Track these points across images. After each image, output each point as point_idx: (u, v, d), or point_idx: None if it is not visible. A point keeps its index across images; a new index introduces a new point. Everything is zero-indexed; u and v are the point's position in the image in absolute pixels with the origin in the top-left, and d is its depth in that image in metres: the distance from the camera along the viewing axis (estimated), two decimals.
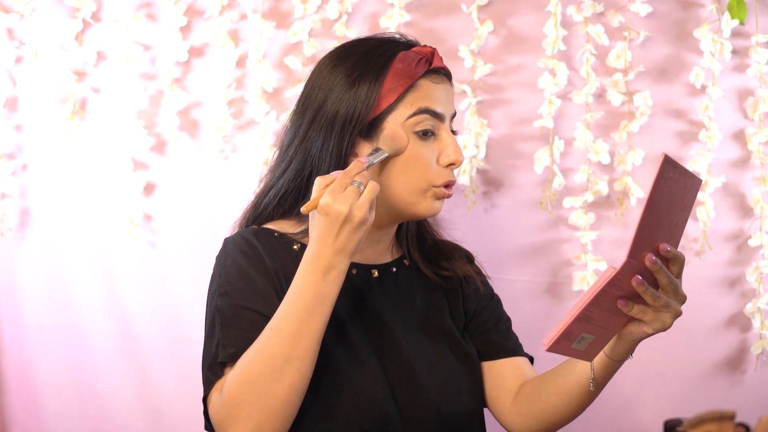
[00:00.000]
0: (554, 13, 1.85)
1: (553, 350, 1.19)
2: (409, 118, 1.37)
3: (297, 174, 1.43)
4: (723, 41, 1.83)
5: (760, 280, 1.85)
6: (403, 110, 1.38)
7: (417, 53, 1.40)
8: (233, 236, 1.43)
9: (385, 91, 1.38)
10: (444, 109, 1.39)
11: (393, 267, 1.47)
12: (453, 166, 1.39)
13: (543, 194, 1.89)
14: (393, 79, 1.38)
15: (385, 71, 1.39)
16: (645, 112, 1.86)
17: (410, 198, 1.39)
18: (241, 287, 1.35)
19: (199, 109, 1.96)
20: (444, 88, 1.41)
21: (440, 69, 1.42)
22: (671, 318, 1.20)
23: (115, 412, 1.99)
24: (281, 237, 1.41)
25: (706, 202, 1.85)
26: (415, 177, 1.38)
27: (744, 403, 1.83)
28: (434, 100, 1.39)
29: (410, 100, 1.38)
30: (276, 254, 1.39)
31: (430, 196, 1.39)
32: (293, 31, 1.90)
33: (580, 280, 1.88)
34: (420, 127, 1.37)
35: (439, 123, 1.39)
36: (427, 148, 1.38)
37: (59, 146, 1.97)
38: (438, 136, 1.39)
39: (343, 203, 1.24)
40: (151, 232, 1.97)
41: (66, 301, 1.99)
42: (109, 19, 1.94)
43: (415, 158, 1.38)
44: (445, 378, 1.40)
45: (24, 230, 2.00)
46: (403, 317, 1.43)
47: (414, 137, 1.37)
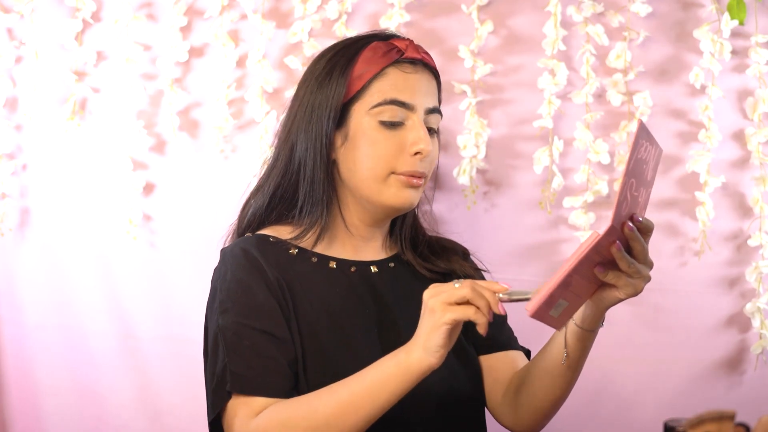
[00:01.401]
0: (554, 13, 1.85)
1: (536, 317, 1.19)
2: (374, 107, 1.39)
3: (283, 174, 1.44)
4: (723, 41, 1.83)
5: (759, 280, 1.85)
6: (369, 99, 1.39)
7: (390, 44, 1.41)
8: (230, 248, 1.42)
9: (353, 78, 1.39)
10: (414, 100, 1.39)
11: (390, 262, 1.49)
12: (420, 155, 1.39)
13: (543, 194, 1.89)
14: (361, 66, 1.40)
15: (355, 60, 1.41)
16: (645, 112, 1.86)
17: (372, 186, 1.40)
18: (242, 303, 1.34)
19: (199, 109, 1.96)
20: (417, 79, 1.41)
21: (416, 60, 1.41)
22: (643, 283, 1.23)
23: (115, 412, 1.99)
24: (277, 243, 1.41)
25: (706, 202, 1.85)
26: (373, 162, 1.39)
27: (744, 403, 1.83)
28: (402, 90, 1.39)
29: (377, 89, 1.39)
30: (275, 261, 1.39)
31: (394, 184, 1.39)
32: (293, 31, 1.90)
33: None
34: (385, 117, 1.38)
35: (408, 113, 1.39)
36: (390, 136, 1.39)
37: (59, 146, 1.97)
38: (406, 125, 1.39)
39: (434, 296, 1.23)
40: (150, 232, 1.97)
41: (66, 301, 1.99)
42: (109, 19, 1.94)
43: (375, 143, 1.39)
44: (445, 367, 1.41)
45: (24, 230, 2.00)
46: (403, 311, 1.44)
47: (377, 124, 1.38)
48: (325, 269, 1.44)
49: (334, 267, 1.45)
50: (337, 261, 1.45)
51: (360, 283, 1.45)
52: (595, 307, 1.28)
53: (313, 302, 1.39)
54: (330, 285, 1.43)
